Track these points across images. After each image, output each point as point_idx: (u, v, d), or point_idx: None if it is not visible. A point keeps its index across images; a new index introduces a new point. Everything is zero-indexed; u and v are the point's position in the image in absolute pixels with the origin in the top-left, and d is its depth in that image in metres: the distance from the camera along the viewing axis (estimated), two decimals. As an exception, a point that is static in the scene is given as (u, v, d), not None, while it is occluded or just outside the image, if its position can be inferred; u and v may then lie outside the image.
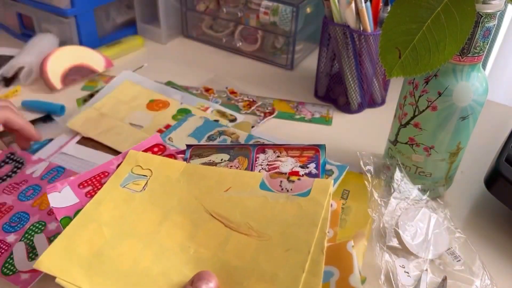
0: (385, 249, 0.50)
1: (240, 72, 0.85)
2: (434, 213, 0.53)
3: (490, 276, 0.48)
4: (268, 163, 0.50)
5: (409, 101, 0.53)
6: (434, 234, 0.51)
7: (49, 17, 0.82)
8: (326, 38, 0.72)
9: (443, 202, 0.55)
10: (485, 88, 0.50)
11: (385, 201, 0.54)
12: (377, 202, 0.54)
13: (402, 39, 0.44)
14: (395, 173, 0.55)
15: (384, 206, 0.54)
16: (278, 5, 0.80)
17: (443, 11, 0.43)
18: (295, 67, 0.86)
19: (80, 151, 0.63)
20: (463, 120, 0.51)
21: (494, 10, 0.45)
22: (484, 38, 0.47)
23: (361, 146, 0.67)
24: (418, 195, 0.55)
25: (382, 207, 0.54)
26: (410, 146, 0.55)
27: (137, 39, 0.90)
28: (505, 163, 0.54)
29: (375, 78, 0.73)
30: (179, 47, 0.93)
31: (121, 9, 0.91)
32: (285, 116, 0.73)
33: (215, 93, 0.77)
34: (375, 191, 0.55)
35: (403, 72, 0.45)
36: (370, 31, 0.68)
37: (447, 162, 0.55)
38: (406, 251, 0.50)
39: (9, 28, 0.92)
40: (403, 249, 0.50)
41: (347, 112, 0.75)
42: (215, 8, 0.89)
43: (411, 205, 0.54)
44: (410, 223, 0.52)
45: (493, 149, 0.61)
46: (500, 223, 0.57)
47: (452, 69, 0.49)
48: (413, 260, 0.50)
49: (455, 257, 0.50)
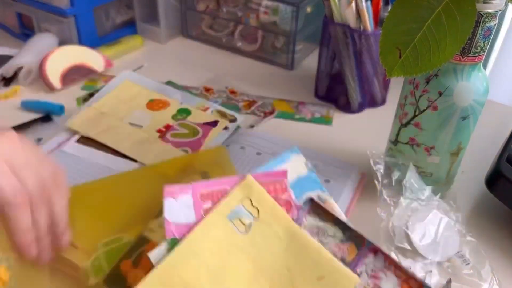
0: (392, 249, 0.49)
1: (240, 72, 0.85)
2: (446, 215, 0.53)
3: (498, 281, 0.48)
4: (372, 269, 0.44)
5: (409, 101, 0.53)
6: (444, 236, 0.51)
7: (49, 16, 0.82)
8: (326, 38, 0.72)
9: (456, 204, 0.55)
10: (485, 88, 0.50)
11: (395, 201, 0.54)
12: (387, 201, 0.54)
13: (402, 38, 0.44)
14: (408, 173, 0.55)
15: (394, 206, 0.53)
16: (278, 4, 0.80)
17: (444, 11, 0.43)
18: (295, 67, 0.86)
19: (80, 150, 0.63)
20: (463, 120, 0.51)
21: (495, 10, 0.45)
22: (485, 38, 0.47)
23: (362, 146, 0.67)
24: (430, 196, 0.54)
25: (391, 207, 0.53)
26: (410, 146, 0.55)
27: (137, 38, 0.90)
28: (506, 163, 0.54)
29: (375, 77, 0.73)
30: (179, 46, 0.93)
31: (121, 9, 0.91)
32: (285, 116, 0.73)
33: (215, 93, 0.77)
34: (384, 190, 0.54)
35: (403, 72, 0.45)
36: (370, 30, 0.68)
37: (447, 162, 0.55)
38: (415, 252, 0.50)
39: (9, 27, 0.92)
40: (412, 250, 0.50)
41: (347, 112, 0.75)
42: (215, 8, 0.89)
43: (422, 206, 0.53)
44: (419, 224, 0.52)
45: (494, 149, 0.61)
46: (501, 223, 0.57)
47: (453, 69, 0.49)
48: (420, 261, 0.49)
49: (464, 261, 0.50)
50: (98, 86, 0.78)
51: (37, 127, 0.68)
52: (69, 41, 0.83)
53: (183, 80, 0.80)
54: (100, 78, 0.80)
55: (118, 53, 0.87)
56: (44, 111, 0.71)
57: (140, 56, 0.88)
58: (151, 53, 0.90)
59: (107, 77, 0.80)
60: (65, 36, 0.83)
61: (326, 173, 0.59)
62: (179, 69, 0.85)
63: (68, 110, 0.72)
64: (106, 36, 0.89)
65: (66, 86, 0.77)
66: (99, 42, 0.87)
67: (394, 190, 0.55)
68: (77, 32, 0.83)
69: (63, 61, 0.77)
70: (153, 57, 0.88)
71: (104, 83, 0.78)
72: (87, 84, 0.78)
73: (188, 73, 0.83)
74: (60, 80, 0.76)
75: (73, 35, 0.83)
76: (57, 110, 0.70)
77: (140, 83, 0.75)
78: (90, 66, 0.79)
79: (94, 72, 0.80)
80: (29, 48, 0.78)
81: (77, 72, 0.78)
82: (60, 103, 0.72)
